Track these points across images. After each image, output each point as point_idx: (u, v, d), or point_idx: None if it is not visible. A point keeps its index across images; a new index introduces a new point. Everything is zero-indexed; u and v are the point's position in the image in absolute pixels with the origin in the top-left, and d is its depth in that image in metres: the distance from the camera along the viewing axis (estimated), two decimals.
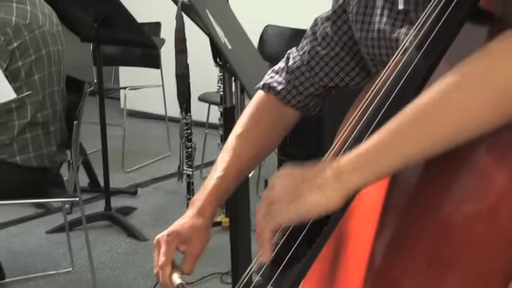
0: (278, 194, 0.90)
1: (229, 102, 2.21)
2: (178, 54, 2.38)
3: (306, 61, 1.26)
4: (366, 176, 0.84)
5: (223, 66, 2.10)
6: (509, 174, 0.81)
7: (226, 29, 1.95)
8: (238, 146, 1.24)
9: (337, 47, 1.23)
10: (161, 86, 4.43)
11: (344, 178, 0.84)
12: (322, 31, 1.25)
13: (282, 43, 3.82)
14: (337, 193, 0.85)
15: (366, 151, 0.84)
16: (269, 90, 1.27)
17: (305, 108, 1.28)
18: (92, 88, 2.77)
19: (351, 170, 0.84)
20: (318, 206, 0.85)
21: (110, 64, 4.58)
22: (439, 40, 0.89)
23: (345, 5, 1.22)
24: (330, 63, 1.24)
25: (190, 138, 3.35)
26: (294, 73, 1.27)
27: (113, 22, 3.23)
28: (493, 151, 0.83)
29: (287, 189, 0.88)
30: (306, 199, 0.86)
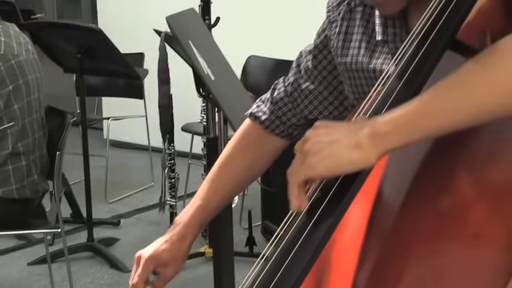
0: (314, 146, 0.88)
1: (212, 133, 2.23)
2: (162, 84, 2.38)
3: (290, 92, 1.30)
4: (402, 138, 0.84)
5: (206, 96, 2.12)
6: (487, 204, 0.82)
7: (208, 60, 1.96)
8: (220, 175, 1.28)
9: (316, 81, 1.27)
10: (144, 116, 4.43)
11: (381, 138, 0.84)
12: (304, 64, 1.28)
13: (264, 74, 3.84)
14: (372, 152, 0.85)
15: (406, 113, 0.84)
16: (254, 119, 1.32)
17: (289, 136, 1.32)
18: (75, 118, 2.76)
19: (389, 130, 0.84)
20: (353, 163, 0.85)
21: (93, 94, 4.58)
22: (420, 69, 0.91)
23: (326, 40, 1.24)
24: (309, 96, 1.28)
25: (173, 169, 3.34)
26: (277, 103, 1.31)
27: (96, 53, 3.24)
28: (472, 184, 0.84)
29: (324, 142, 0.87)
30: (342, 155, 0.85)
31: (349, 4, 1.21)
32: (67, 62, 3.37)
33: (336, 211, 0.87)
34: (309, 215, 0.90)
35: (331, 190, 0.89)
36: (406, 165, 0.92)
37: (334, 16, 1.23)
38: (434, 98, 0.84)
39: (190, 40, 1.94)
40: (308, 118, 1.29)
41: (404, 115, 0.84)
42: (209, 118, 2.25)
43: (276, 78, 1.36)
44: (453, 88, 0.83)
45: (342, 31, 1.21)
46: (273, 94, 1.32)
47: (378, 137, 0.84)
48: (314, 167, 0.87)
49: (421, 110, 0.84)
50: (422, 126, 0.84)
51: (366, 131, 0.85)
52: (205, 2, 2.28)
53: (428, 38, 0.92)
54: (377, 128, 0.85)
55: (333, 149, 0.86)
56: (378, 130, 0.84)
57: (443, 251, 0.82)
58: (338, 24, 1.22)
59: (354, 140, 0.85)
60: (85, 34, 3.25)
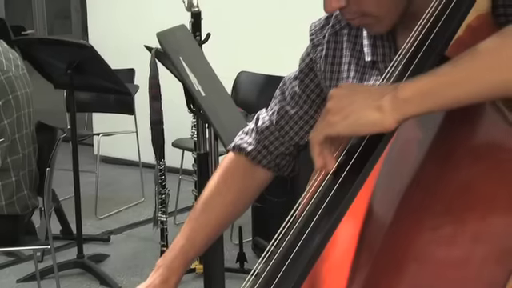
0: (335, 104, 0.89)
1: (202, 149, 2.23)
2: (152, 100, 2.38)
3: (276, 120, 1.27)
4: (422, 105, 0.85)
5: (197, 112, 2.12)
6: None
7: (199, 76, 1.96)
8: (205, 212, 1.24)
9: (305, 105, 1.25)
10: (134, 132, 4.43)
11: (402, 103, 0.85)
12: (290, 90, 1.26)
13: (255, 90, 3.85)
14: (392, 115, 0.85)
15: (428, 81, 0.85)
16: (239, 151, 1.28)
17: (276, 167, 1.28)
18: (65, 134, 2.75)
19: (410, 96, 0.85)
20: (373, 123, 0.86)
21: (83, 110, 4.57)
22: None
23: (311, 63, 1.24)
24: (299, 122, 1.25)
25: (163, 185, 3.33)
26: (263, 132, 1.28)
27: (87, 69, 3.24)
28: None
29: (345, 101, 0.88)
30: (363, 115, 0.86)
31: (334, 27, 1.21)
32: (58, 77, 3.36)
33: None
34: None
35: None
36: (395, 181, 0.92)
37: (318, 39, 1.23)
38: (457, 68, 0.84)
39: (181, 56, 1.95)
40: (299, 144, 1.27)
41: (426, 83, 0.85)
42: (199, 134, 2.25)
43: (266, 93, 1.34)
44: (475, 59, 0.84)
45: (330, 54, 1.20)
46: (257, 124, 1.29)
47: (399, 102, 0.85)
48: (333, 125, 0.88)
49: (443, 79, 0.85)
50: (442, 95, 0.85)
51: (389, 95, 0.86)
52: (195, 19, 2.28)
53: (417, 56, 0.92)
54: (399, 93, 0.85)
55: (354, 108, 0.87)
56: (400, 95, 0.85)
57: (434, 268, 0.82)
58: (324, 47, 1.21)
59: (376, 102, 0.86)
60: (75, 49, 3.25)
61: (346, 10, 1.05)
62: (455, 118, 0.90)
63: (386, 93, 0.86)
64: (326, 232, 0.86)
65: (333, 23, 1.21)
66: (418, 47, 0.93)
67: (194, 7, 2.27)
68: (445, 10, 0.94)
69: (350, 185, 0.87)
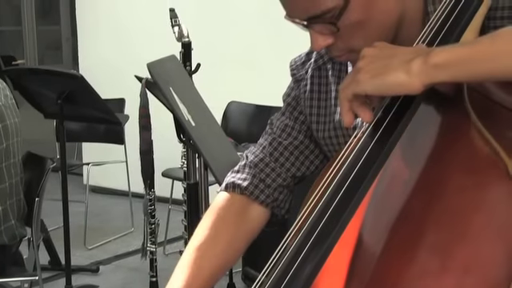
0: (365, 64, 0.90)
1: (192, 178, 2.22)
2: (142, 130, 2.38)
3: (269, 153, 1.23)
4: (451, 73, 0.85)
5: (187, 142, 2.12)
6: None
7: (189, 106, 1.97)
8: (196, 261, 1.14)
9: (300, 135, 1.23)
10: (124, 161, 4.42)
11: (432, 68, 0.85)
12: (280, 125, 1.24)
13: (245, 119, 3.86)
14: (420, 79, 0.86)
15: (461, 51, 0.86)
16: (234, 189, 1.20)
17: (275, 203, 1.22)
18: (54, 164, 2.75)
19: (441, 63, 0.85)
20: (400, 85, 0.87)
21: (73, 140, 4.57)
22: (397, 119, 0.91)
23: (297, 97, 1.23)
24: (294, 152, 1.22)
25: (153, 215, 3.31)
26: (258, 166, 1.22)
27: (77, 99, 3.24)
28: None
29: (376, 61, 0.89)
30: (391, 75, 0.87)
31: (316, 61, 1.20)
32: (48, 107, 3.36)
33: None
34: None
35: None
36: (384, 214, 0.92)
37: (300, 75, 1.22)
38: (494, 43, 0.85)
39: (171, 86, 1.95)
40: (296, 175, 1.23)
41: (460, 52, 0.86)
42: (189, 164, 2.25)
43: (256, 123, 1.34)
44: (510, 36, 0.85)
45: (315, 89, 1.19)
46: (248, 160, 1.23)
47: (429, 66, 0.86)
48: (361, 83, 0.89)
49: (478, 51, 0.85)
50: (475, 67, 0.85)
51: (420, 58, 0.86)
52: (186, 49, 2.29)
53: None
54: (430, 58, 0.86)
55: (384, 68, 0.88)
56: (431, 60, 0.86)
57: None
58: (308, 82, 1.20)
59: (406, 64, 0.86)
60: (66, 79, 3.26)
61: (334, 47, 1.05)
62: (442, 150, 0.90)
63: (418, 55, 0.87)
64: (317, 262, 0.85)
65: (315, 58, 1.20)
66: None
67: (184, 38, 2.28)
68: (433, 43, 0.95)
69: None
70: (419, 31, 1.00)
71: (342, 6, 0.99)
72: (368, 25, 1.01)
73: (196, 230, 1.17)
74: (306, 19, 1.01)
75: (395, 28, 1.04)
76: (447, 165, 0.88)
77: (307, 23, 1.01)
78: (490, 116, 0.89)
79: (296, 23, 1.02)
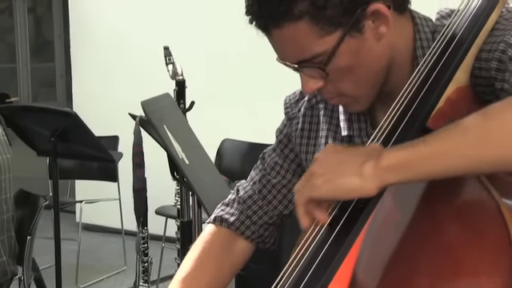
0: (319, 169, 0.90)
1: (186, 216, 2.21)
2: (136, 168, 2.38)
3: (258, 190, 1.26)
4: (404, 176, 0.86)
5: (180, 180, 2.12)
6: None
7: (183, 144, 1.97)
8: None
9: (288, 174, 1.25)
10: (117, 199, 4.40)
11: (383, 171, 0.86)
12: (270, 162, 1.27)
13: (239, 157, 3.86)
14: (373, 182, 0.86)
15: (410, 153, 0.86)
16: (221, 223, 1.26)
17: (259, 239, 1.27)
18: (47, 202, 2.73)
19: (391, 166, 0.86)
20: (354, 189, 0.88)
21: (66, 177, 4.55)
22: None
23: (289, 135, 1.25)
24: (282, 191, 1.25)
25: (146, 253, 3.29)
26: (246, 202, 1.27)
27: (70, 136, 3.24)
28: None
29: (329, 166, 0.90)
30: (345, 180, 0.88)
31: (309, 101, 1.22)
32: (41, 145, 3.35)
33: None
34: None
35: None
36: (378, 252, 0.92)
37: (293, 113, 1.24)
38: (440, 142, 0.85)
39: (165, 124, 1.96)
40: (283, 213, 1.26)
41: (408, 154, 0.86)
42: (183, 202, 2.24)
43: (250, 160, 1.34)
44: (458, 134, 0.85)
45: (306, 128, 1.21)
46: (239, 194, 1.28)
47: (380, 170, 0.86)
48: (316, 188, 0.90)
49: (425, 152, 0.86)
50: (423, 167, 0.86)
51: (371, 162, 0.87)
52: (180, 87, 2.30)
53: (397, 129, 0.93)
54: (381, 161, 0.87)
55: (337, 174, 0.88)
56: (382, 164, 0.86)
57: None
58: (300, 121, 1.22)
59: (358, 168, 0.87)
60: (59, 117, 3.26)
61: (324, 90, 1.06)
62: (436, 189, 0.90)
63: (369, 158, 0.87)
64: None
65: (309, 97, 1.22)
66: (398, 121, 0.94)
67: (178, 75, 2.29)
68: (424, 85, 0.95)
69: (341, 243, 0.88)
70: (409, 75, 1.01)
71: (330, 52, 1.00)
72: (357, 70, 1.03)
73: (183, 262, 1.22)
74: (296, 63, 1.03)
75: (385, 72, 1.05)
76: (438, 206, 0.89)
77: (298, 66, 1.03)
78: None
79: (287, 65, 1.04)
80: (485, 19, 0.99)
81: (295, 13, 0.98)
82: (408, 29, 1.07)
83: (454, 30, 1.01)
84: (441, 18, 1.09)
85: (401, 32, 1.06)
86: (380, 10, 1.00)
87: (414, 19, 1.09)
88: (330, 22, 0.99)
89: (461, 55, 0.99)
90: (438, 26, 1.07)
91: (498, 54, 0.97)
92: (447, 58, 0.99)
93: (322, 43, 1.00)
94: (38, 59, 8.15)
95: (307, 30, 0.99)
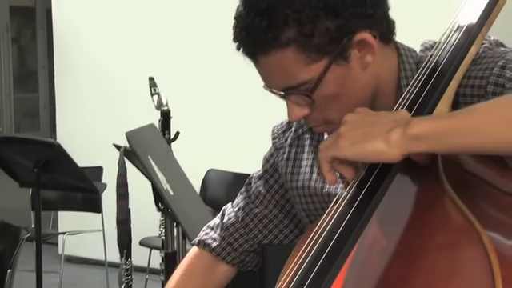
0: (347, 129, 0.91)
1: (170, 248, 2.19)
2: (120, 199, 2.36)
3: (241, 218, 1.29)
4: (428, 146, 0.87)
5: (165, 211, 2.10)
6: None
7: (168, 175, 1.96)
8: None
9: (270, 205, 1.27)
10: (101, 230, 4.36)
11: (410, 139, 0.87)
12: (255, 190, 1.29)
13: (224, 187, 3.85)
14: (398, 149, 0.88)
15: (440, 124, 0.88)
16: (204, 247, 1.29)
17: (241, 264, 1.29)
18: (29, 234, 2.70)
19: (419, 135, 0.87)
20: (379, 153, 0.89)
21: (49, 209, 4.51)
22: (372, 193, 0.92)
23: (275, 165, 1.26)
24: (263, 221, 1.27)
25: (130, 285, 3.25)
26: (228, 229, 1.29)
27: (53, 167, 3.21)
28: None
29: (356, 128, 0.91)
30: (370, 144, 0.89)
31: (296, 131, 1.23)
32: (23, 176, 3.32)
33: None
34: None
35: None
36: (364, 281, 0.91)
37: (280, 143, 1.25)
38: (472, 116, 0.87)
39: (150, 155, 1.95)
40: (262, 243, 1.28)
41: (436, 124, 0.88)
42: (167, 233, 2.22)
43: (235, 191, 1.35)
44: (493, 111, 0.87)
45: (291, 157, 1.22)
46: (223, 220, 1.30)
47: (408, 138, 0.88)
48: (342, 149, 0.91)
49: (456, 125, 0.87)
50: (448, 140, 0.87)
51: (399, 129, 0.88)
52: (165, 117, 2.30)
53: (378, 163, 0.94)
54: (409, 129, 0.88)
55: (364, 137, 0.90)
56: (409, 131, 0.88)
57: None
58: (286, 150, 1.23)
59: (386, 133, 0.88)
60: (42, 148, 3.24)
61: (310, 118, 1.07)
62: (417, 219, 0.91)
63: (397, 125, 0.89)
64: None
65: (295, 127, 1.24)
66: None
67: (163, 106, 2.29)
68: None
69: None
70: (393, 104, 1.02)
71: (316, 79, 1.01)
72: (342, 98, 1.04)
73: (167, 283, 1.27)
74: (283, 90, 1.03)
75: (370, 101, 1.06)
76: (422, 234, 0.89)
77: (284, 94, 1.04)
78: (464, 186, 0.90)
79: (273, 93, 1.04)
80: (465, 52, 1.00)
81: (282, 40, 0.99)
82: (393, 59, 1.09)
83: (436, 62, 1.02)
84: (425, 49, 1.10)
85: (386, 62, 1.07)
86: (366, 40, 1.01)
87: (398, 50, 1.10)
88: (316, 50, 1.00)
89: (442, 87, 1.00)
90: (422, 56, 1.08)
91: (493, 78, 0.99)
92: (429, 90, 1.00)
93: (308, 71, 1.00)
94: (22, 89, 8.13)
95: (294, 57, 1.00)
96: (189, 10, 4.55)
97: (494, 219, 0.90)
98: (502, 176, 0.97)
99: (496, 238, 0.85)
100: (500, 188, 0.95)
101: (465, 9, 1.03)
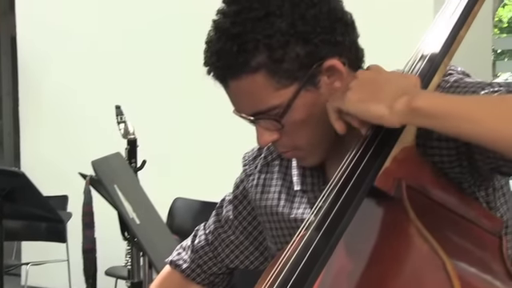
0: (357, 86, 0.94)
1: (136, 277, 2.17)
2: (85, 228, 2.33)
3: (211, 241, 1.31)
4: (429, 124, 0.91)
5: (131, 240, 2.08)
6: None
7: (134, 204, 1.95)
8: None
9: (237, 231, 1.28)
10: (66, 260, 4.30)
11: (412, 111, 0.90)
12: (224, 214, 1.30)
13: (190, 216, 3.83)
14: (399, 117, 0.91)
15: (445, 104, 0.90)
16: (175, 267, 1.32)
17: (211, 284, 1.32)
18: None
19: (422, 109, 0.90)
20: (380, 117, 0.92)
21: (12, 239, 4.44)
22: (339, 218, 0.93)
23: (245, 191, 1.27)
24: (230, 246, 1.29)
25: None
26: (198, 252, 1.31)
27: (17, 197, 3.17)
28: None
29: (366, 86, 0.93)
30: (374, 106, 0.92)
31: (265, 158, 1.24)
32: None
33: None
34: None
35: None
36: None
37: (250, 169, 1.26)
38: (479, 106, 0.90)
39: (116, 184, 1.94)
40: (229, 267, 1.30)
41: (441, 106, 0.90)
42: (133, 262, 2.20)
43: (202, 219, 1.37)
44: (500, 104, 0.90)
45: (260, 184, 1.23)
46: (194, 242, 1.33)
47: (411, 109, 0.90)
48: (348, 102, 0.94)
49: (460, 110, 0.89)
50: (448, 125, 0.90)
51: (405, 98, 0.91)
52: (131, 146, 2.29)
53: (345, 189, 0.95)
54: (414, 101, 0.90)
55: (371, 96, 0.92)
56: (414, 104, 0.90)
57: None
58: (256, 177, 1.24)
59: (392, 99, 0.91)
60: (6, 177, 3.20)
61: (279, 143, 1.08)
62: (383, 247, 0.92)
63: (405, 94, 0.91)
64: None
65: (265, 154, 1.25)
66: (346, 180, 0.96)
67: (130, 134, 2.28)
68: (371, 145, 0.97)
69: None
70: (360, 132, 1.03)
71: (286, 105, 1.02)
72: (311, 124, 1.05)
73: None
74: (252, 115, 1.04)
75: None
76: (388, 261, 0.91)
77: (254, 119, 1.04)
78: (429, 214, 0.92)
79: (243, 118, 1.05)
80: (428, 81, 1.02)
81: (253, 65, 1.00)
82: None
83: None
84: None
85: None
86: (335, 66, 1.03)
87: None
88: (286, 76, 1.01)
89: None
90: None
91: None
92: None
93: (278, 96, 1.02)
94: None
95: (264, 82, 1.01)
96: (155, 38, 4.55)
97: (458, 246, 0.91)
98: (465, 204, 0.99)
99: (459, 265, 0.86)
100: (463, 215, 0.96)
101: (428, 38, 1.06)
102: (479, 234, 0.96)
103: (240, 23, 1.00)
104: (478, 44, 3.45)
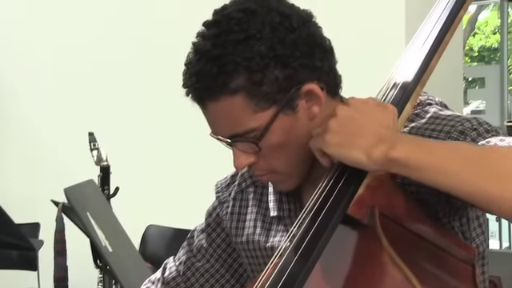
0: (336, 127, 0.94)
1: None
2: (57, 256, 2.31)
3: (182, 271, 1.28)
4: (405, 173, 0.92)
5: (103, 268, 2.06)
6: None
7: (106, 231, 1.94)
8: None
9: (212, 259, 1.27)
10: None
11: (391, 162, 0.90)
12: (197, 243, 1.29)
13: (164, 243, 3.80)
14: (377, 165, 0.92)
15: (422, 158, 0.90)
16: None
17: None
18: None
19: (401, 162, 0.90)
20: (358, 163, 0.93)
21: None
22: (313, 244, 0.93)
23: (218, 219, 1.26)
24: (205, 275, 1.27)
25: None
26: (169, 284, 1.29)
27: None
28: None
29: (345, 129, 0.93)
30: (352, 153, 0.93)
31: (240, 185, 1.24)
32: None
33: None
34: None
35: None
36: None
37: (224, 196, 1.26)
38: (453, 158, 0.90)
39: (88, 211, 1.92)
40: None
41: (419, 158, 0.90)
42: None
43: (175, 247, 1.35)
44: (473, 161, 0.90)
45: (235, 212, 1.23)
46: (164, 274, 1.30)
47: (388, 159, 0.91)
48: (327, 145, 0.95)
49: (434, 164, 0.90)
50: (425, 177, 0.91)
51: (382, 147, 0.91)
52: (104, 173, 2.28)
53: (319, 216, 0.95)
54: (391, 152, 0.91)
55: (349, 142, 0.93)
56: (391, 154, 0.91)
57: None
58: (230, 204, 1.24)
59: (369, 148, 0.91)
60: None
61: (256, 166, 1.08)
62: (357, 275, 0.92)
63: (383, 143, 0.91)
64: None
65: (239, 181, 1.24)
66: (320, 206, 0.96)
67: (103, 161, 2.27)
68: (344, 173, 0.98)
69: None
70: None
71: (264, 127, 1.03)
72: (288, 147, 1.05)
73: None
74: (230, 137, 1.04)
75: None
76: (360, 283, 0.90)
77: (231, 141, 1.04)
78: (402, 243, 0.92)
79: (220, 140, 1.05)
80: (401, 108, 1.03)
81: (232, 87, 1.01)
82: None
83: None
84: None
85: None
86: (314, 91, 1.03)
87: None
88: (265, 98, 1.02)
89: None
90: None
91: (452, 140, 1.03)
92: None
93: (256, 118, 1.02)
94: None
95: (242, 104, 1.02)
96: (128, 65, 4.55)
97: (431, 275, 0.91)
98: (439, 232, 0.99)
99: None
100: (437, 244, 0.97)
101: (400, 66, 1.07)
102: (452, 262, 0.96)
103: (220, 45, 1.01)
104: (450, 72, 3.50)
